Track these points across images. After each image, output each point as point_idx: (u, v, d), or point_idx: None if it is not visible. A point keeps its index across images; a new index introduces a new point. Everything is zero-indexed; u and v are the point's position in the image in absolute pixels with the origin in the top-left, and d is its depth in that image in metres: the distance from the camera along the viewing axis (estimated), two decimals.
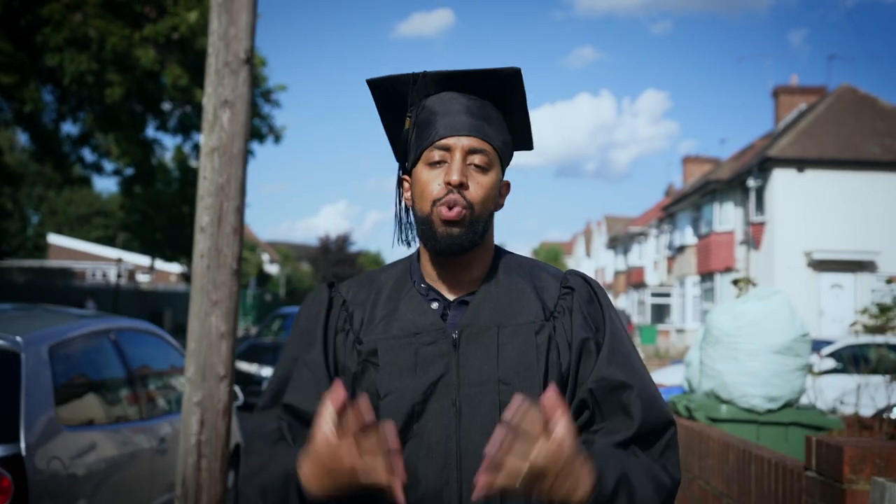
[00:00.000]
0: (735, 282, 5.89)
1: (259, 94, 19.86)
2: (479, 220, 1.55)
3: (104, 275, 52.17)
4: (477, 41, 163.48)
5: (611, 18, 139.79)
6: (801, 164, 25.15)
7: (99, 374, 4.55)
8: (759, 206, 26.25)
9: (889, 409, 6.19)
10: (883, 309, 6.03)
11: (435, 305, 1.58)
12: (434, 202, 1.53)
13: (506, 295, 1.59)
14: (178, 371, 5.56)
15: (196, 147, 19.82)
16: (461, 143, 1.55)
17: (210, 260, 3.65)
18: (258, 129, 20.05)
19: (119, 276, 34.37)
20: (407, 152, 1.63)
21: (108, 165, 20.16)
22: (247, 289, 42.46)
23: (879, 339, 6.15)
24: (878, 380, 6.26)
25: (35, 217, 60.99)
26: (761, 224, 26.01)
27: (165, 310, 36.23)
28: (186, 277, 36.36)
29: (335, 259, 57.76)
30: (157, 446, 4.72)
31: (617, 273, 48.61)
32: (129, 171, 19.99)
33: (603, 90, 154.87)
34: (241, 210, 3.74)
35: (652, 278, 40.70)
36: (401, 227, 1.70)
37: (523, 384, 1.50)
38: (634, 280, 42.77)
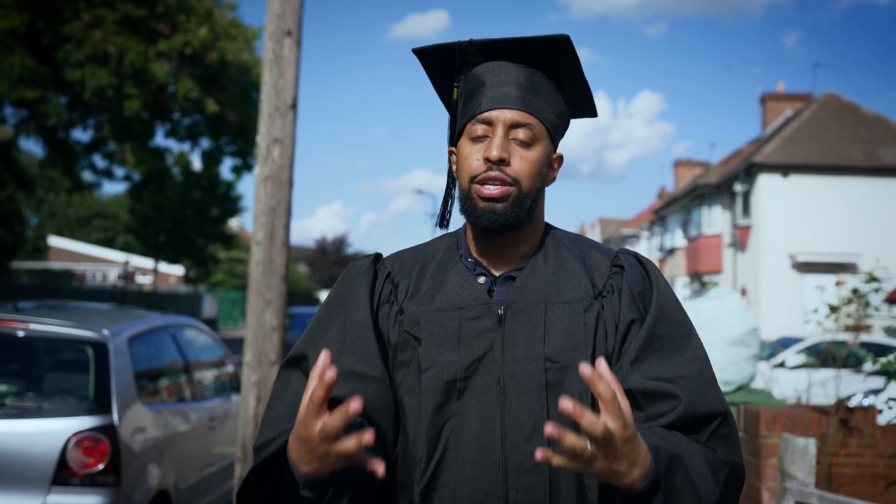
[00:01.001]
0: (703, 284, 6.76)
1: None
2: (526, 197, 1.48)
3: (104, 276, 52.74)
4: None
5: (605, 20, 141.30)
6: (785, 169, 26.02)
7: (163, 362, 5.39)
8: (746, 209, 27.09)
9: (848, 398, 7.09)
10: (832, 308, 6.87)
11: (482, 280, 1.52)
12: (472, 178, 1.48)
13: (554, 272, 1.52)
14: (219, 361, 6.43)
15: (204, 153, 20.70)
16: (504, 115, 1.48)
17: (264, 267, 4.50)
18: None
19: (120, 277, 35.04)
20: (454, 123, 1.58)
21: (119, 171, 20.97)
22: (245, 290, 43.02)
23: (828, 336, 6.97)
24: (829, 373, 7.12)
25: (34, 219, 61.56)
26: (747, 227, 26.86)
27: (168, 310, 36.98)
28: (188, 279, 37.04)
29: (332, 260, 58.17)
30: (208, 424, 5.57)
31: None
32: (138, 177, 20.85)
33: (598, 91, 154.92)
34: (288, 227, 4.59)
35: None
36: (446, 203, 1.63)
37: (570, 363, 1.42)
38: None
